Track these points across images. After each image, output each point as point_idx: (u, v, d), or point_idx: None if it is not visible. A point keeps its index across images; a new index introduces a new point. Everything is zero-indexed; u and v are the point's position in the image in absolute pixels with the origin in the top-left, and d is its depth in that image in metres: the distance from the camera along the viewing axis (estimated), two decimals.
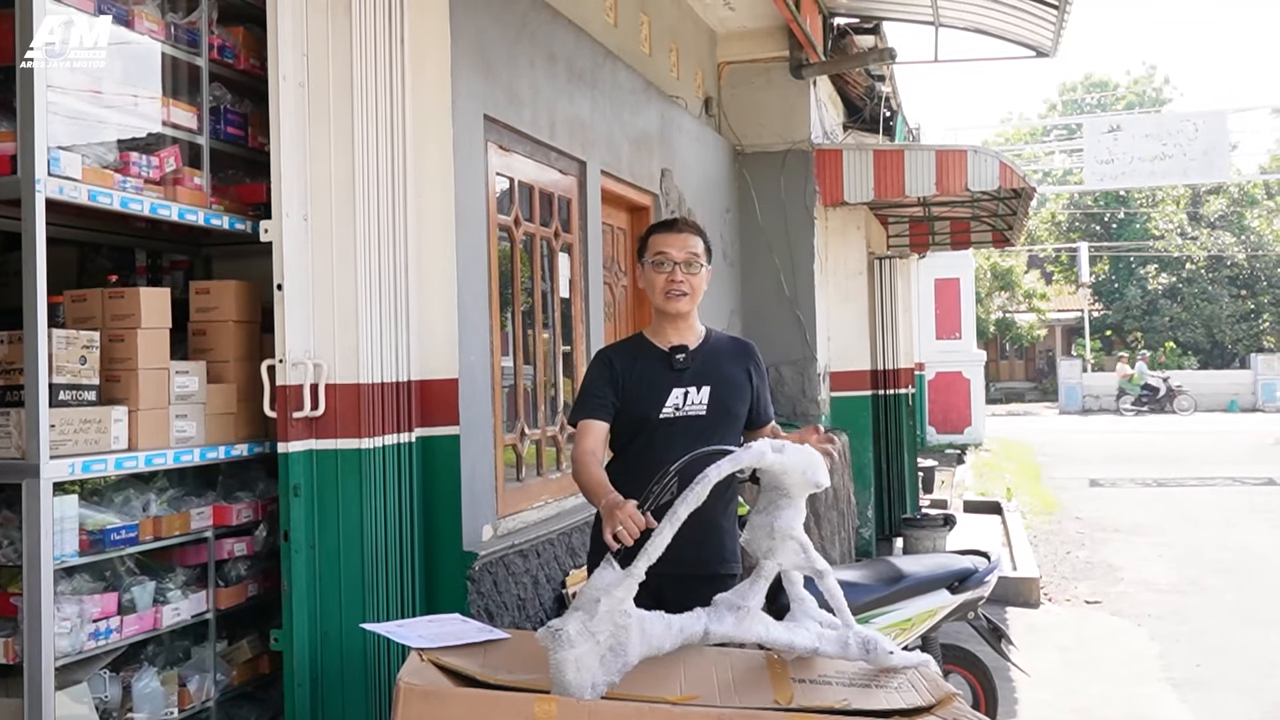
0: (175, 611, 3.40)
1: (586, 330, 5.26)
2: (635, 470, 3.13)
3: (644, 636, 2.55)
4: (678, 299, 3.21)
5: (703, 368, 3.24)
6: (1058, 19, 7.48)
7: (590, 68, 5.32)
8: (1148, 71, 44.32)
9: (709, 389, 3.22)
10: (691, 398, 3.21)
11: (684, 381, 3.22)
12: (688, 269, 3.21)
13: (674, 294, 3.21)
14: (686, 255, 3.21)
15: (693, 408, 3.20)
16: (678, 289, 3.20)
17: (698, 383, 3.22)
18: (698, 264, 3.23)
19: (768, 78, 8.09)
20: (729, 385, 3.24)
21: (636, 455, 3.21)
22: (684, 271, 3.20)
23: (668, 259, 3.21)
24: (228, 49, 3.68)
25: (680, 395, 3.21)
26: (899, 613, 4.33)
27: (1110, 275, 38.38)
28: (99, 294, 3.35)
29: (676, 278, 3.20)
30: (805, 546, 2.76)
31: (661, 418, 3.19)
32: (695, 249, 3.23)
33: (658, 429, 3.20)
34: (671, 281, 3.20)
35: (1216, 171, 25.85)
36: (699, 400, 3.20)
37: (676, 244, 3.22)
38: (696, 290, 3.24)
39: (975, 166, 7.98)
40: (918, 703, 2.53)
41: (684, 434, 3.15)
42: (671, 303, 3.23)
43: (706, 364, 3.26)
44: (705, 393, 3.21)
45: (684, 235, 3.24)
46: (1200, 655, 6.65)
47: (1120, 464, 17.45)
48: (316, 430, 3.55)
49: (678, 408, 3.20)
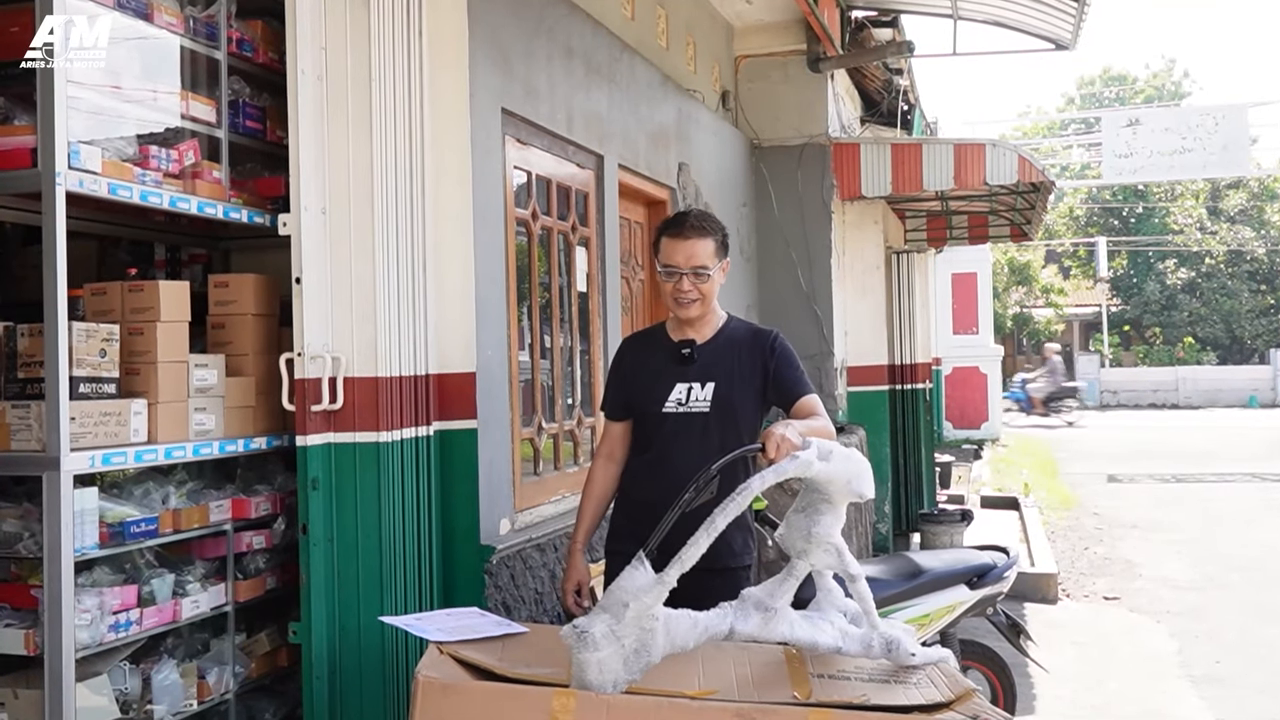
0: (194, 604, 3.41)
1: (604, 325, 5.26)
2: (638, 466, 3.27)
3: (669, 636, 2.53)
4: (687, 306, 3.21)
5: (709, 363, 3.23)
6: (1078, 11, 7.42)
7: (607, 61, 5.30)
8: (1167, 65, 43.99)
9: (713, 385, 3.20)
10: (695, 394, 3.20)
11: (689, 377, 3.22)
12: (696, 278, 3.18)
13: (683, 302, 3.21)
14: (692, 266, 3.17)
15: (696, 404, 3.20)
16: (686, 297, 3.20)
17: (702, 379, 3.21)
18: (706, 272, 3.18)
19: (785, 71, 8.06)
20: (735, 381, 3.21)
21: (640, 450, 3.28)
22: (692, 281, 3.18)
23: (675, 270, 3.19)
24: (246, 43, 3.68)
25: (684, 391, 3.21)
26: (917, 608, 4.32)
27: (1129, 270, 38.15)
28: (118, 287, 3.35)
29: (684, 287, 3.18)
30: (842, 552, 2.70)
31: (664, 412, 3.21)
32: (701, 258, 3.17)
33: (660, 424, 3.22)
34: (679, 290, 3.19)
35: (1236, 165, 25.70)
36: (703, 397, 3.20)
37: (681, 254, 3.17)
38: (707, 295, 3.21)
39: (993, 160, 7.93)
40: (937, 699, 2.52)
41: (686, 430, 3.18)
42: (680, 310, 3.24)
43: (714, 359, 3.24)
44: (709, 389, 3.20)
45: (690, 242, 3.17)
46: (1219, 652, 6.61)
47: (1138, 459, 17.37)
48: (335, 424, 3.55)
49: (680, 403, 3.21)
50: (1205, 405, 31.21)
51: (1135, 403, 32.27)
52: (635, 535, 3.05)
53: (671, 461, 3.18)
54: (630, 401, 3.32)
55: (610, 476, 3.38)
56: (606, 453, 3.39)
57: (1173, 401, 32.03)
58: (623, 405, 3.35)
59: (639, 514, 3.19)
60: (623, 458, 3.37)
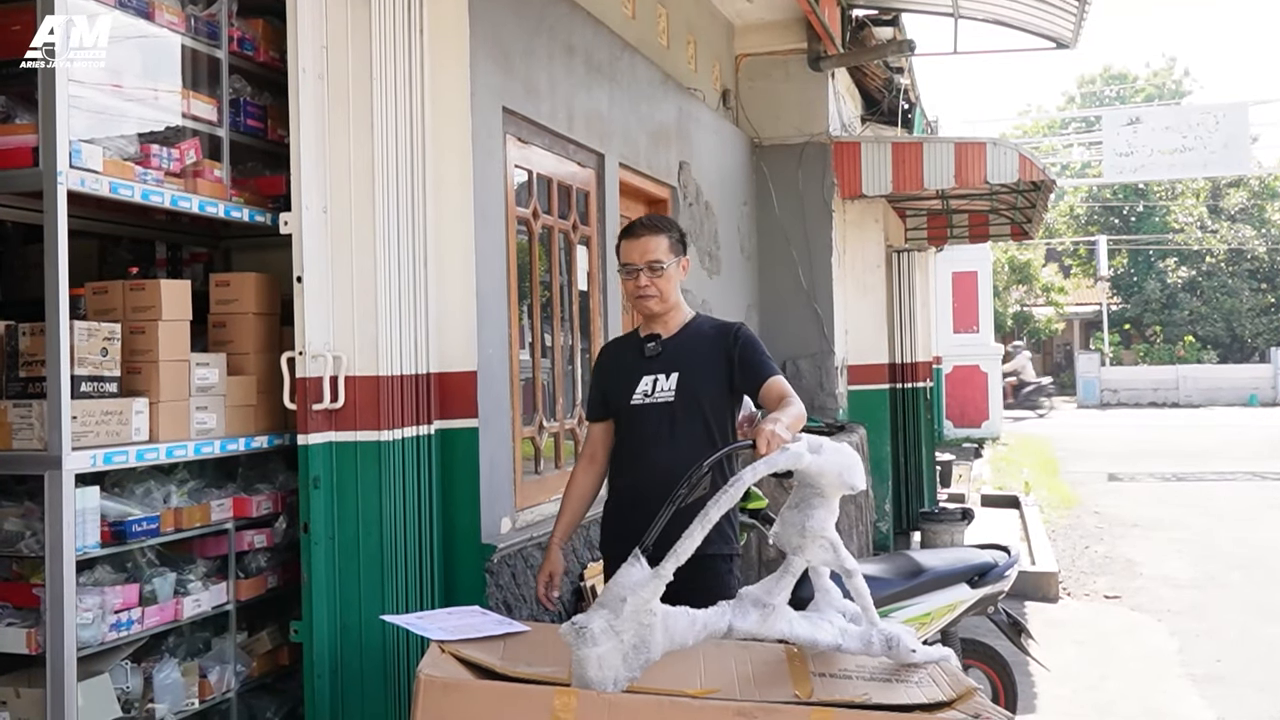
0: (196, 603, 3.41)
1: (604, 323, 5.26)
2: (617, 455, 3.44)
3: (668, 633, 2.53)
4: (646, 301, 3.36)
5: (674, 355, 3.36)
6: (1078, 9, 7.42)
7: (608, 60, 5.30)
8: (1167, 64, 43.98)
9: (678, 375, 3.33)
10: (660, 384, 3.34)
11: (655, 369, 3.37)
12: (651, 272, 3.32)
13: (642, 297, 3.36)
14: (646, 261, 3.32)
15: (661, 394, 3.34)
16: (644, 292, 3.35)
17: (667, 370, 3.35)
18: (660, 265, 3.33)
19: (786, 70, 8.06)
20: (698, 371, 3.33)
21: (618, 442, 3.44)
22: (649, 275, 3.33)
23: (631, 267, 3.35)
24: (247, 41, 3.68)
25: (650, 382, 3.36)
26: (918, 607, 4.32)
27: (1129, 268, 38.13)
28: (120, 286, 3.35)
29: (641, 282, 3.34)
30: (836, 546, 2.72)
31: (633, 404, 3.36)
32: (655, 253, 3.33)
33: (631, 415, 3.37)
34: (638, 286, 3.35)
35: (1237, 164, 25.72)
36: (667, 387, 3.34)
37: (636, 251, 3.34)
38: (665, 289, 3.35)
39: (994, 159, 7.94)
40: (938, 697, 2.52)
41: (653, 420, 3.32)
42: (641, 305, 3.40)
43: (679, 351, 3.37)
44: (674, 379, 3.34)
45: (642, 239, 3.34)
46: (1220, 651, 6.61)
47: (1139, 458, 17.36)
48: (336, 422, 3.56)
49: (647, 394, 3.35)
50: (1206, 404, 31.20)
51: (1136, 401, 32.25)
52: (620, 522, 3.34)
53: (644, 451, 3.33)
54: (607, 399, 3.47)
55: (591, 477, 3.53)
56: (589, 455, 3.54)
57: (1173, 400, 32.02)
58: (600, 404, 3.51)
59: (619, 500, 3.42)
60: (604, 459, 3.51)
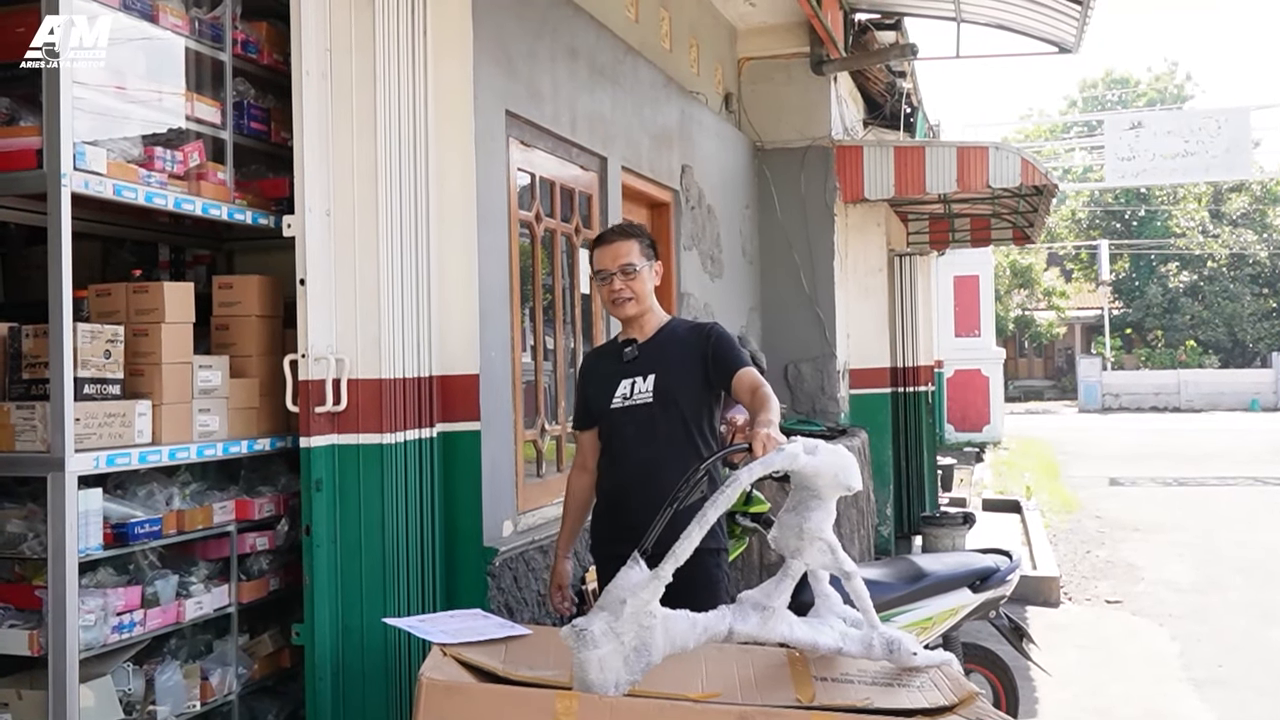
0: (198, 605, 3.41)
1: (606, 327, 5.26)
2: (602, 459, 3.49)
3: (668, 636, 2.53)
4: (622, 305, 3.42)
5: (651, 358, 3.42)
6: (1081, 14, 7.43)
7: (611, 63, 5.31)
8: (1169, 68, 43.97)
9: (654, 377, 3.39)
10: (639, 387, 3.40)
11: (632, 373, 3.42)
12: (625, 275, 3.38)
13: (617, 301, 3.41)
14: (620, 265, 3.38)
15: (640, 396, 3.39)
16: (619, 296, 3.40)
17: (644, 372, 3.40)
18: (633, 268, 3.38)
19: (788, 74, 8.07)
20: (674, 371, 3.38)
21: (603, 446, 3.49)
22: (623, 279, 3.38)
23: (605, 272, 3.41)
24: (251, 44, 3.69)
25: (628, 386, 3.41)
26: (920, 611, 4.32)
27: (1131, 273, 38.14)
28: (123, 288, 3.36)
29: (615, 286, 3.39)
30: (834, 548, 2.73)
31: (614, 408, 3.42)
32: (627, 256, 3.39)
33: (613, 419, 3.42)
34: (612, 291, 3.40)
35: (1239, 169, 25.70)
36: (645, 389, 3.39)
37: (609, 256, 3.40)
38: (640, 291, 3.41)
39: (997, 163, 7.94)
40: (940, 702, 2.52)
41: (633, 421, 3.38)
42: (616, 310, 3.45)
43: (655, 354, 3.42)
44: (651, 381, 3.39)
45: (614, 245, 3.41)
46: (1221, 655, 6.61)
47: (1140, 462, 17.36)
48: (338, 425, 3.56)
49: (626, 397, 3.41)
50: (1207, 409, 31.21)
51: (1137, 406, 32.25)
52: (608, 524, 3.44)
53: (626, 452, 3.39)
54: (589, 407, 3.52)
55: (585, 485, 3.58)
56: (580, 463, 3.59)
57: (1174, 405, 32.02)
58: (584, 413, 3.56)
59: (606, 503, 3.48)
60: (595, 466, 3.54)
